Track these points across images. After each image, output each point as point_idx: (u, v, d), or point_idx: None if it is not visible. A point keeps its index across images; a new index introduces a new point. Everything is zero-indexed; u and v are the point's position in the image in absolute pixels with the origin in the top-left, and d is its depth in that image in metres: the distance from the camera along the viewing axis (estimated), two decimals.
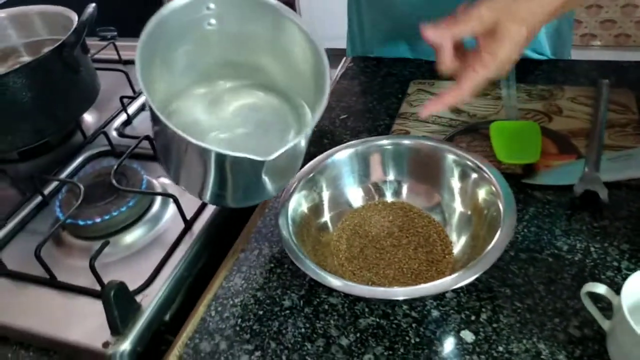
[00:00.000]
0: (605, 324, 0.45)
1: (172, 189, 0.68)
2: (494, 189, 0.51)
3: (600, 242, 0.53)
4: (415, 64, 0.87)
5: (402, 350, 0.47)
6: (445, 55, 0.52)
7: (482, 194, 0.53)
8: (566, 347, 0.45)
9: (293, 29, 0.51)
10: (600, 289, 0.43)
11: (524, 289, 0.51)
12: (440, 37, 0.51)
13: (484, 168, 0.53)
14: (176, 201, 0.60)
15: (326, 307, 0.52)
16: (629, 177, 0.59)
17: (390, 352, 0.47)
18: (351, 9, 0.94)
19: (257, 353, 0.49)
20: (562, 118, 0.70)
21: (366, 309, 0.51)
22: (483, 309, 0.50)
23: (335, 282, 0.46)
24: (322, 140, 0.74)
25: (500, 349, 0.46)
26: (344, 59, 0.95)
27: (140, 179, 0.65)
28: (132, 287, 0.54)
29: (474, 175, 0.54)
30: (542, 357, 0.45)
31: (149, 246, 0.61)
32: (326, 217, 0.58)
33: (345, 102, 0.82)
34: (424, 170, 0.58)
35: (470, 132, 0.70)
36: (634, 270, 0.50)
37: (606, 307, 0.47)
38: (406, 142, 0.58)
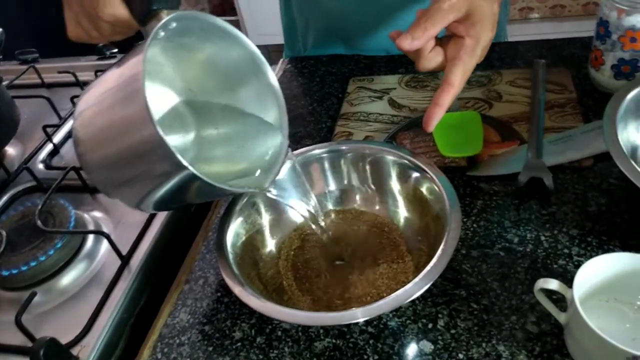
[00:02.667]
0: (561, 317, 0.44)
1: (105, 222, 0.64)
2: (436, 188, 0.50)
3: (550, 230, 0.53)
4: (353, 60, 0.85)
5: None
6: (428, 56, 0.50)
7: (425, 193, 0.51)
8: (525, 345, 0.44)
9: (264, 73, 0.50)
10: (553, 284, 0.42)
11: (478, 288, 0.49)
12: (419, 43, 0.48)
13: (425, 167, 0.51)
14: (108, 238, 0.56)
15: (279, 333, 0.49)
16: (570, 159, 0.59)
17: None
18: (282, 8, 0.91)
19: None
20: (502, 104, 0.69)
21: (321, 331, 0.49)
22: (439, 315, 0.48)
23: (284, 313, 0.43)
24: None
25: (461, 356, 0.45)
26: (281, 61, 0.91)
27: (68, 216, 0.60)
28: (68, 337, 0.50)
29: (415, 176, 0.52)
30: (503, 359, 0.44)
31: (85, 288, 0.56)
32: (270, 238, 0.55)
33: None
34: (365, 175, 0.56)
35: (412, 127, 0.69)
36: (584, 255, 0.50)
37: (561, 298, 0.46)
38: (343, 147, 0.56)
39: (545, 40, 0.80)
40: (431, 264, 0.44)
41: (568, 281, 0.42)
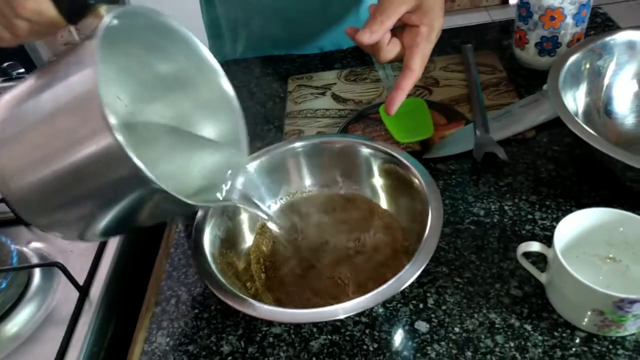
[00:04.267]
0: (542, 277, 0.46)
1: (51, 253, 0.58)
2: (416, 181, 0.50)
3: (511, 199, 0.56)
4: (287, 59, 0.84)
5: None
6: (386, 48, 0.52)
7: (400, 177, 0.52)
8: (514, 309, 0.46)
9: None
10: (535, 246, 0.44)
11: (458, 263, 0.51)
12: (377, 36, 0.50)
13: (400, 157, 0.52)
14: (63, 268, 0.51)
15: (271, 339, 0.47)
16: (514, 132, 0.63)
17: None
18: (203, 10, 0.88)
19: None
20: (440, 88, 0.72)
21: (314, 329, 0.48)
22: (428, 294, 0.49)
23: (281, 313, 0.41)
24: None
25: (457, 329, 0.46)
26: None
27: (8, 252, 0.54)
28: None
29: (393, 166, 0.53)
30: (497, 326, 0.45)
31: (41, 329, 0.50)
32: (247, 240, 0.53)
33: None
34: (342, 170, 0.55)
35: (361, 119, 0.69)
36: (546, 218, 0.53)
37: (536, 260, 0.49)
38: (315, 142, 0.55)
39: (466, 26, 0.85)
40: (417, 251, 0.44)
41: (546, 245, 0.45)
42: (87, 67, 0.34)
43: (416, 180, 0.50)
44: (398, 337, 0.46)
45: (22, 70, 0.92)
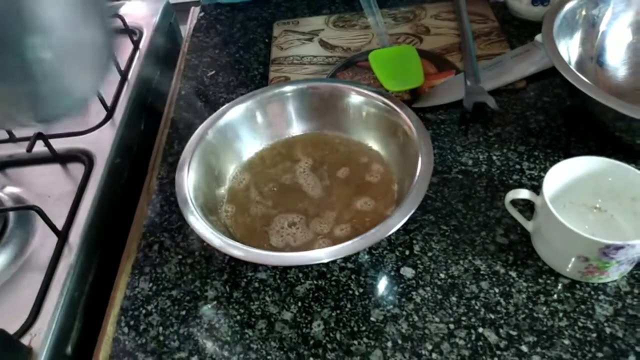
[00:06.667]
0: (528, 225, 0.46)
1: (28, 194, 0.56)
2: (407, 128, 0.49)
3: (499, 149, 0.55)
4: (273, 4, 0.81)
5: (349, 305, 0.45)
6: None
7: (395, 129, 0.51)
8: (499, 256, 0.46)
9: None
10: (523, 193, 0.44)
11: (445, 211, 0.51)
12: None
13: (391, 103, 0.51)
14: (40, 212, 0.49)
15: (256, 284, 0.47)
16: (505, 83, 0.62)
17: (338, 312, 0.44)
18: None
19: (194, 358, 0.43)
20: (431, 37, 0.70)
21: (300, 274, 0.47)
22: (414, 241, 0.49)
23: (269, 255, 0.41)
24: (196, 103, 0.66)
25: (442, 275, 0.46)
26: (192, 9, 0.84)
27: None
28: (12, 329, 0.44)
29: (383, 113, 0.51)
30: (482, 272, 0.45)
31: (18, 275, 0.49)
32: (227, 183, 0.52)
33: (208, 57, 0.74)
34: (330, 115, 0.54)
35: (349, 66, 0.67)
36: (534, 169, 0.53)
37: (522, 210, 0.49)
38: (303, 86, 0.53)
39: None
40: (407, 195, 0.43)
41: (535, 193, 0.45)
42: None
43: (406, 127, 0.49)
44: (383, 282, 0.46)
45: None
